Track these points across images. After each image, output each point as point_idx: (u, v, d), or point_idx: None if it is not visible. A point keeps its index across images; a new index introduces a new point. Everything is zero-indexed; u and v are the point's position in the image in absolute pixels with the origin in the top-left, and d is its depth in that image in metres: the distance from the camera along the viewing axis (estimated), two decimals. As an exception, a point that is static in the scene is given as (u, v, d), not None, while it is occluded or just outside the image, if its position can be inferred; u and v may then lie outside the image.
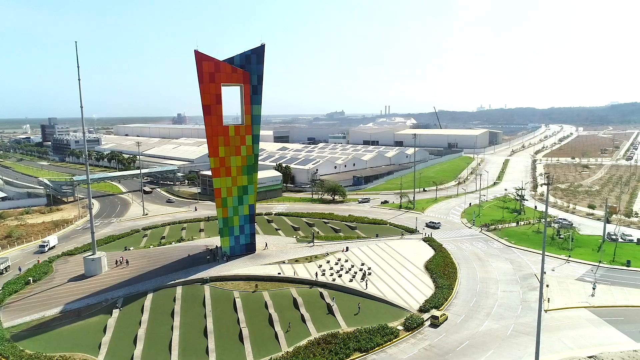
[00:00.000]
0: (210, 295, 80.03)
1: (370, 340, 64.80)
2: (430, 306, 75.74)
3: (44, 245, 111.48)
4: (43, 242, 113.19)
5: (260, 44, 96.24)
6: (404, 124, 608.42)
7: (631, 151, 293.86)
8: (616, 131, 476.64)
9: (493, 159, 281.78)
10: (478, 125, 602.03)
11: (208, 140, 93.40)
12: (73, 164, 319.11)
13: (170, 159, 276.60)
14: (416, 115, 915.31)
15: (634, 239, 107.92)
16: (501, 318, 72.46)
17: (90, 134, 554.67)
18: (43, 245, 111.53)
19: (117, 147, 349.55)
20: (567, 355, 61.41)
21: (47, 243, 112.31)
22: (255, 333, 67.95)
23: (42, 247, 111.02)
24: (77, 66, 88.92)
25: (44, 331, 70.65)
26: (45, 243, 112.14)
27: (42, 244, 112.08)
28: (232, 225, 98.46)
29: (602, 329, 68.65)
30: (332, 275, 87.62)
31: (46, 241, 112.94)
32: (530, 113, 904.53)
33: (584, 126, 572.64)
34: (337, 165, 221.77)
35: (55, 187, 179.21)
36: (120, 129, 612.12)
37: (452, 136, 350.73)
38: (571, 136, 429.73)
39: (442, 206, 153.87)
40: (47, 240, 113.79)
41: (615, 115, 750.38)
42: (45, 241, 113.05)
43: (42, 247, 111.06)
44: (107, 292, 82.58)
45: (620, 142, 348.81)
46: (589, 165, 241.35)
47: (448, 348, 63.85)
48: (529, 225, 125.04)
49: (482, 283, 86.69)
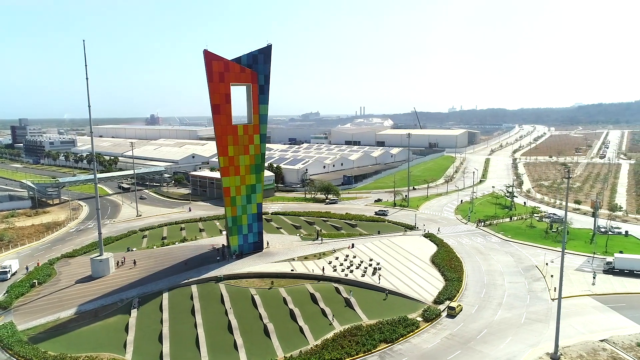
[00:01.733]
0: (227, 292, 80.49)
1: (393, 332, 66.91)
2: (444, 298, 78.53)
3: (5, 271, 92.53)
4: (3, 267, 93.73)
5: (266, 44, 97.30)
6: (381, 124, 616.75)
7: (603, 150, 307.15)
8: (586, 131, 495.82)
9: (474, 158, 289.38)
10: (454, 126, 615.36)
11: (217, 140, 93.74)
12: (49, 166, 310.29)
13: (153, 160, 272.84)
14: (392, 115, 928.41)
15: (622, 231, 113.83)
16: (512, 307, 75.78)
17: (61, 135, 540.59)
18: (4, 272, 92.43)
19: (95, 149, 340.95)
20: (580, 339, 65.02)
21: (9, 268, 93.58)
22: (280, 328, 68.99)
23: (3, 274, 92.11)
24: (85, 65, 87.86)
25: (62, 333, 69.80)
26: (6, 269, 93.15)
27: (2, 270, 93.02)
28: (240, 224, 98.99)
29: (607, 314, 72.79)
30: (344, 271, 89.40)
31: (6, 266, 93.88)
32: (502, 114, 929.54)
33: (555, 126, 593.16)
34: (325, 165, 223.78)
35: (40, 189, 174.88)
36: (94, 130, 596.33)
37: (433, 136, 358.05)
38: (545, 136, 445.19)
39: (435, 203, 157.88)
40: (7, 265, 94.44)
41: (582, 115, 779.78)
42: (6, 266, 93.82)
43: (2, 274, 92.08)
44: (121, 293, 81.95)
45: (592, 141, 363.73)
46: (566, 163, 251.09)
47: (468, 337, 66.56)
48: (522, 220, 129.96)
49: (488, 275, 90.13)
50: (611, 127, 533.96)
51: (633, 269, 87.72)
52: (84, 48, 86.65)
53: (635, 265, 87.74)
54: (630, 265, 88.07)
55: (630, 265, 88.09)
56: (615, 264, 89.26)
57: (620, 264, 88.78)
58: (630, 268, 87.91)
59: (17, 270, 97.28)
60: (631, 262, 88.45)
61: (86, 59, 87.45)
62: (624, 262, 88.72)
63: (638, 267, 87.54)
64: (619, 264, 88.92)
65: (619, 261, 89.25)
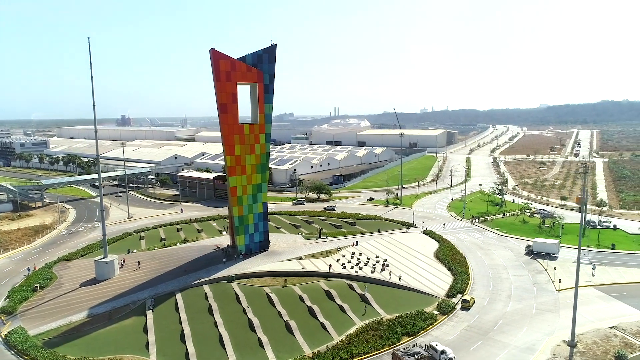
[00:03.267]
0: (241, 292, 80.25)
1: (414, 325, 68.41)
2: (455, 292, 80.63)
3: None
4: None
5: (271, 44, 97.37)
6: (358, 124, 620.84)
7: (576, 149, 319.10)
8: (557, 131, 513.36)
9: (455, 157, 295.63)
10: (430, 126, 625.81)
11: (224, 139, 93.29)
12: (22, 169, 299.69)
13: (134, 161, 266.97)
14: (366, 116, 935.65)
15: (610, 225, 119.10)
16: (522, 299, 78.51)
17: (28, 136, 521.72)
18: None
19: (70, 150, 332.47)
20: (591, 327, 68.09)
21: None
22: (301, 325, 69.37)
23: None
24: (90, 63, 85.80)
25: (77, 336, 68.25)
26: None
27: None
28: (247, 224, 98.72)
29: (611, 303, 76.39)
30: (353, 268, 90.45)
31: None
32: (473, 114, 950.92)
33: (527, 126, 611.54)
34: (313, 165, 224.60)
35: (22, 192, 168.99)
36: (64, 131, 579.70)
37: (413, 136, 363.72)
38: (518, 135, 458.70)
39: (426, 201, 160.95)
40: None
41: (551, 116, 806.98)
42: None
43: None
44: (132, 295, 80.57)
45: (564, 141, 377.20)
46: (545, 161, 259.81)
47: (486, 328, 68.70)
48: (514, 216, 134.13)
49: (492, 269, 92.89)
50: (580, 127, 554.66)
51: (547, 251, 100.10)
52: (89, 46, 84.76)
53: (548, 248, 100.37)
54: (544, 248, 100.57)
55: (544, 248, 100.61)
56: (533, 247, 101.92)
57: (537, 247, 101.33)
58: (545, 251, 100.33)
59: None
60: (545, 245, 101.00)
61: (91, 57, 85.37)
62: (539, 246, 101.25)
63: (549, 250, 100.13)
64: (536, 247, 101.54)
65: (536, 245, 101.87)
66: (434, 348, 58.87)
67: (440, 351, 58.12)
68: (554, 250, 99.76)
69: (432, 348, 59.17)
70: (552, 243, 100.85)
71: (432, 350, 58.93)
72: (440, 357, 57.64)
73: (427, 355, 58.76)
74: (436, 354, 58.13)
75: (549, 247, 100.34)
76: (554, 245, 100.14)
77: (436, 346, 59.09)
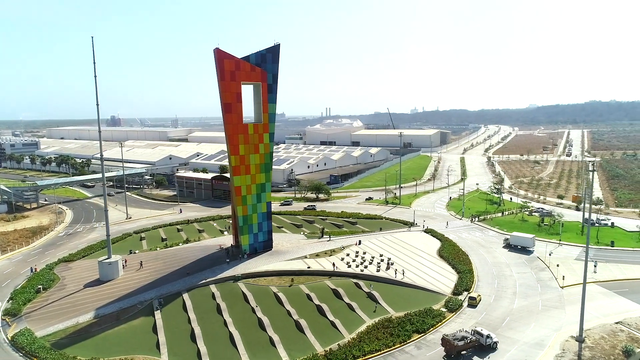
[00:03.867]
0: (248, 291, 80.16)
1: (423, 322, 68.97)
2: (461, 289, 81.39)
3: None
4: None
5: (274, 44, 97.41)
6: (351, 125, 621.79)
7: (568, 148, 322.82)
8: (548, 131, 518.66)
9: (449, 157, 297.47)
10: (423, 126, 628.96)
11: (228, 139, 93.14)
12: (13, 170, 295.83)
13: (128, 162, 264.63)
14: (358, 116, 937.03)
15: (608, 223, 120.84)
16: (527, 296, 79.43)
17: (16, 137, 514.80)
18: None
19: (62, 151, 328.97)
20: (597, 322, 69.15)
21: None
22: (311, 323, 69.52)
23: None
24: (94, 62, 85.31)
25: (86, 337, 67.76)
26: None
27: None
28: (251, 223, 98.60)
29: (614, 299, 77.59)
30: (358, 267, 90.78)
31: None
32: (465, 115, 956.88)
33: (518, 126, 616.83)
34: (309, 165, 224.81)
35: (16, 193, 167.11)
36: (54, 131, 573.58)
37: (407, 136, 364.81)
38: (511, 135, 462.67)
39: (425, 201, 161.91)
40: None
41: (542, 116, 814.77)
42: None
43: None
44: (138, 295, 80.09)
45: (556, 140, 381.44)
46: (539, 161, 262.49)
47: (495, 324, 69.42)
48: (513, 215, 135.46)
49: (495, 267, 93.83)
50: (570, 127, 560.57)
51: (522, 245, 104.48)
52: (93, 45, 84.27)
53: (523, 242, 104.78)
54: (520, 242, 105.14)
55: (520, 242, 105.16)
56: (510, 240, 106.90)
57: (514, 240, 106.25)
58: (520, 244, 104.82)
59: None
60: (521, 239, 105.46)
61: (94, 56, 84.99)
62: (516, 240, 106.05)
63: (525, 243, 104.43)
64: (512, 240, 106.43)
65: (513, 238, 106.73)
66: (480, 333, 63.28)
67: (485, 335, 62.66)
68: (529, 244, 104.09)
69: (478, 333, 63.40)
70: (528, 237, 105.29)
71: (478, 335, 63.07)
72: (485, 341, 62.37)
73: (474, 339, 62.44)
74: (482, 338, 62.65)
75: (524, 241, 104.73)
76: (529, 240, 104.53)
77: (481, 331, 63.46)
